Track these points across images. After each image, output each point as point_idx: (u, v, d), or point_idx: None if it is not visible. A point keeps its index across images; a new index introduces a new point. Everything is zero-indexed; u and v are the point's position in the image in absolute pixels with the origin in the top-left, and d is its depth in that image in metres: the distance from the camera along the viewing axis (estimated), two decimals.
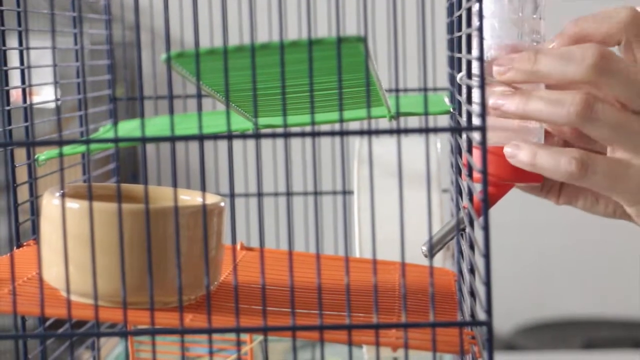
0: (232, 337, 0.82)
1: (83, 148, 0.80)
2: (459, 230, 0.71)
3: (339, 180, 1.37)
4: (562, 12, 1.03)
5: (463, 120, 0.73)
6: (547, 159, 0.70)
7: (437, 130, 0.58)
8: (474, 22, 0.65)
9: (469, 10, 0.67)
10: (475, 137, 0.60)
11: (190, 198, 0.70)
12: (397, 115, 0.74)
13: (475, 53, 0.61)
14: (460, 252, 0.72)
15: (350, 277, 0.65)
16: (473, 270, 0.63)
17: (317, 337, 0.58)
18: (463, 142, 0.70)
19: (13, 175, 0.82)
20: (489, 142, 0.64)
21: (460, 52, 0.74)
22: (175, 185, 0.58)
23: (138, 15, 0.56)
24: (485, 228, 0.55)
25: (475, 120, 0.67)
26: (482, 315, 0.56)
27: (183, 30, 1.04)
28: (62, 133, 0.58)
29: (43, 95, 1.03)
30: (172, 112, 0.55)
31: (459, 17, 0.74)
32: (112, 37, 1.42)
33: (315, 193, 0.57)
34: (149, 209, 0.61)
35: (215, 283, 0.67)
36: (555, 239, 2.52)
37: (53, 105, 0.84)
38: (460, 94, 0.75)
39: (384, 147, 0.93)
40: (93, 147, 0.82)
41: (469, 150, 0.67)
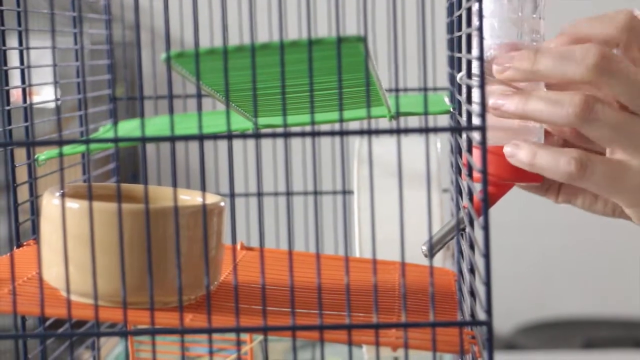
0: (232, 337, 0.82)
1: (83, 148, 0.80)
2: (459, 230, 0.71)
3: (339, 180, 1.37)
4: (562, 12, 1.03)
5: (463, 120, 0.73)
6: (546, 159, 0.70)
7: (437, 130, 0.58)
8: (474, 21, 0.65)
9: (469, 10, 0.67)
10: (475, 136, 0.60)
11: (190, 198, 0.70)
12: (397, 115, 0.74)
13: (475, 53, 0.61)
14: (460, 252, 0.72)
15: (350, 277, 0.65)
16: (473, 270, 0.63)
17: (317, 337, 0.58)
18: (463, 141, 0.70)
19: (13, 175, 0.82)
20: (489, 141, 0.64)
21: (460, 51, 0.74)
22: (175, 185, 0.58)
23: (138, 15, 0.56)
24: (485, 228, 0.55)
25: (475, 120, 0.66)
26: (482, 315, 0.56)
27: (183, 30, 1.04)
28: (62, 133, 0.58)
29: (43, 95, 1.03)
30: (172, 112, 0.55)
31: (459, 16, 0.74)
32: (112, 37, 1.42)
33: (315, 193, 0.57)
34: (149, 209, 0.61)
35: (215, 283, 0.67)
36: (556, 239, 2.52)
37: (53, 105, 0.84)
38: (460, 94, 0.75)
39: (384, 147, 0.93)
40: (93, 147, 0.82)
41: (469, 150, 0.67)
